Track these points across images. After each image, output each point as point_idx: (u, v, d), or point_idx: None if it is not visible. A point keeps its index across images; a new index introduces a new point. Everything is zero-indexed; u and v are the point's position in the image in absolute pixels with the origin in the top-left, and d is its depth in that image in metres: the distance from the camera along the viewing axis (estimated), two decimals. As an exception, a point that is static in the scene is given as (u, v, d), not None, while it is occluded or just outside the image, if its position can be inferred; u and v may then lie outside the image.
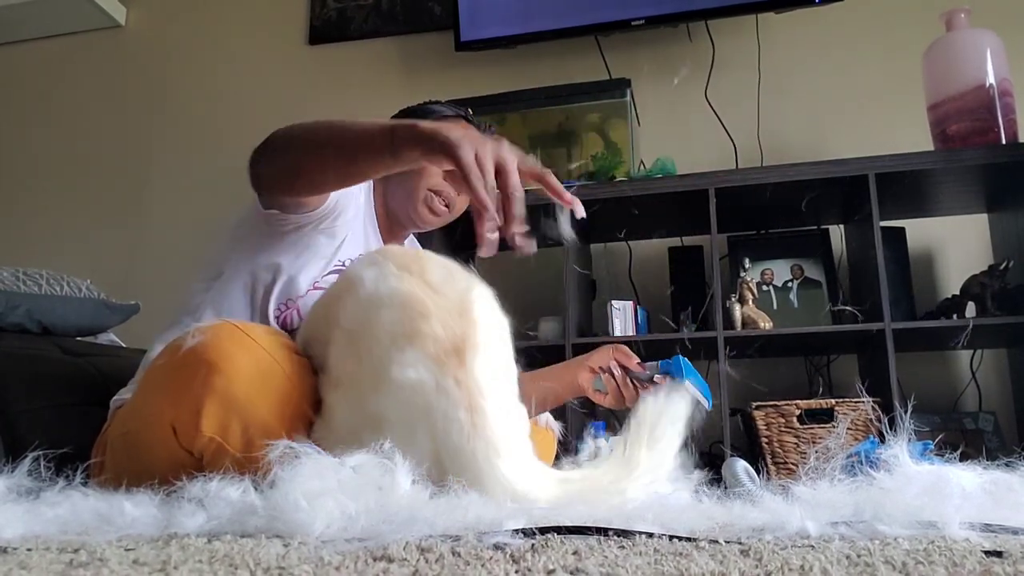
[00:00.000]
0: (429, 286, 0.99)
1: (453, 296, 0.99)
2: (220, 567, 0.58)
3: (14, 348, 1.59)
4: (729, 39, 2.49)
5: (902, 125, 2.26)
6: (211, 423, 0.96)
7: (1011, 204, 2.04)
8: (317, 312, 1.14)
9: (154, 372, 1.06)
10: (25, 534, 0.75)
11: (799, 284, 2.19)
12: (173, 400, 0.99)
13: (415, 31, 2.74)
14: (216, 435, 0.97)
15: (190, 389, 0.97)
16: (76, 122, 3.05)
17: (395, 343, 0.94)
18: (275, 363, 1.01)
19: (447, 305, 0.97)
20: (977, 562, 0.58)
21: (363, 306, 1.00)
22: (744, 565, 0.57)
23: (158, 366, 1.04)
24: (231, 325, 1.01)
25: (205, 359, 0.97)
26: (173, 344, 1.02)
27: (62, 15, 2.99)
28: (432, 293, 0.98)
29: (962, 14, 2.04)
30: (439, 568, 0.57)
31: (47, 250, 2.76)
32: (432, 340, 0.93)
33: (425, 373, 0.91)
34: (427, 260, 1.05)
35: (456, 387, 0.90)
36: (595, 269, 2.42)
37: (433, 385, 0.90)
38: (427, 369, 0.91)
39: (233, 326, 1.01)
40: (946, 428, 2.01)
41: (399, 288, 0.98)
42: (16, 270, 1.84)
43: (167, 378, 1.01)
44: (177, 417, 0.98)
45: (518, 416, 1.00)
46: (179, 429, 0.98)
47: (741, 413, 2.02)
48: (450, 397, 0.90)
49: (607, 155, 2.30)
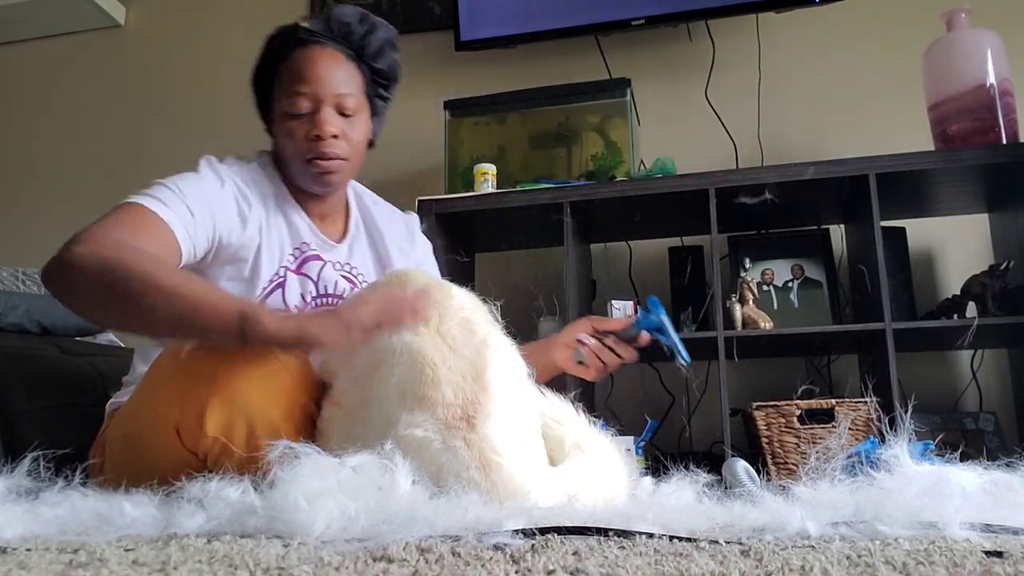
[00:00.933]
0: (444, 341, 0.98)
1: (468, 354, 0.97)
2: (220, 567, 0.58)
3: (14, 348, 1.59)
4: (729, 39, 2.48)
5: (902, 125, 2.26)
6: (215, 424, 0.96)
7: (1011, 204, 2.04)
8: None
9: (157, 374, 1.05)
10: (25, 534, 0.75)
11: (799, 284, 2.19)
12: (177, 402, 0.98)
13: (415, 31, 2.74)
14: (221, 435, 0.96)
15: (194, 390, 0.97)
16: (76, 122, 3.04)
17: (403, 402, 0.94)
18: (278, 361, 1.01)
19: (460, 367, 0.96)
20: (977, 562, 0.58)
21: (376, 355, 0.99)
22: (744, 565, 0.57)
23: (162, 368, 1.04)
24: None
25: (208, 360, 0.97)
26: (175, 347, 1.02)
27: (62, 15, 2.99)
28: (447, 352, 0.97)
29: (962, 14, 2.04)
30: (439, 568, 0.57)
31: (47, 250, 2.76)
32: (442, 406, 0.92)
33: (433, 434, 0.91)
34: (446, 308, 1.02)
35: (465, 448, 0.90)
36: (595, 269, 2.42)
37: (440, 446, 0.90)
38: (435, 430, 0.91)
39: None
40: (946, 428, 2.01)
41: (412, 345, 0.97)
42: (16, 270, 1.84)
43: (170, 380, 1.01)
44: (181, 419, 0.98)
45: (540, 459, 1.00)
46: (183, 430, 0.98)
47: (741, 413, 2.02)
48: (458, 457, 0.90)
49: (607, 155, 2.30)
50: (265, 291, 1.25)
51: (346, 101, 1.28)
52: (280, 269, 1.28)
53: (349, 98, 1.28)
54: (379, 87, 1.37)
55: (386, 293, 1.03)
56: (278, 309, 1.23)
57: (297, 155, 1.28)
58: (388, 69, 1.36)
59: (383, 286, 1.13)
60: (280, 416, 0.99)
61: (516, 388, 1.01)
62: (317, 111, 1.26)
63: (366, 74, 1.33)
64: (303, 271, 1.30)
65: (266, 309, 1.05)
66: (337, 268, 1.34)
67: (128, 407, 1.13)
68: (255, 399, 0.98)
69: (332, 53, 1.29)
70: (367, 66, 1.33)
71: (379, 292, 1.08)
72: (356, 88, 1.31)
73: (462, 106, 2.41)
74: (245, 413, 0.97)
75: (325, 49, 1.28)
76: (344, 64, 1.30)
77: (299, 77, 1.26)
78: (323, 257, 1.33)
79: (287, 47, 1.29)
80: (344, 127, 1.28)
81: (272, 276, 1.26)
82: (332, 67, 1.28)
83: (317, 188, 1.32)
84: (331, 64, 1.28)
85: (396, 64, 1.38)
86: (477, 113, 2.42)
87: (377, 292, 1.09)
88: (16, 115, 3.11)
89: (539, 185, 2.17)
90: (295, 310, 1.26)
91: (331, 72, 1.27)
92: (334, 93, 1.27)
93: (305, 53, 1.28)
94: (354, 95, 1.30)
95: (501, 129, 2.42)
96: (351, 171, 1.34)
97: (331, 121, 1.26)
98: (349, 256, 1.37)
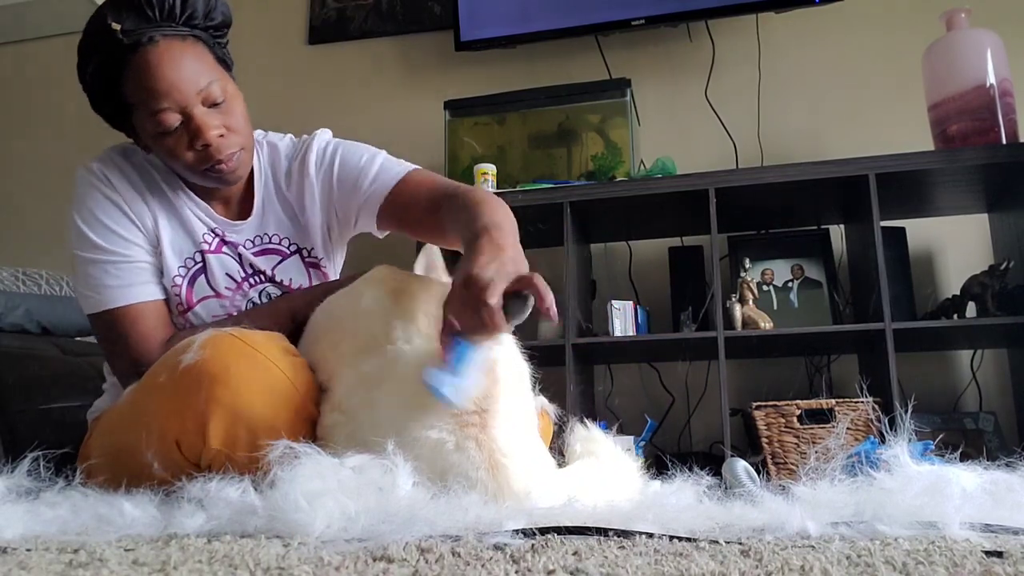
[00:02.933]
0: None
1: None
2: (220, 567, 0.58)
3: (14, 348, 1.59)
4: (729, 39, 2.49)
5: (902, 125, 2.26)
6: (218, 436, 0.95)
7: (1011, 204, 2.04)
8: (320, 339, 1.11)
9: (152, 388, 1.03)
10: (25, 534, 0.75)
11: (799, 284, 2.19)
12: (176, 416, 0.97)
13: (415, 31, 2.74)
14: (223, 447, 0.95)
15: (194, 404, 0.95)
16: (76, 122, 3.04)
17: (416, 399, 0.93)
18: (278, 369, 1.00)
19: None
20: (977, 562, 0.58)
21: (388, 360, 0.99)
22: (744, 565, 0.57)
23: (157, 383, 1.01)
24: (230, 336, 1.00)
25: (207, 373, 0.96)
26: (170, 360, 1.00)
27: (62, 15, 2.98)
28: None
29: (962, 14, 2.04)
30: (439, 568, 0.57)
31: (47, 250, 2.76)
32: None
33: (446, 434, 0.91)
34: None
35: (476, 448, 0.90)
36: (595, 269, 2.42)
37: (453, 446, 0.90)
38: (449, 431, 0.91)
39: (232, 336, 0.99)
40: (946, 428, 2.01)
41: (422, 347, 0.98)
42: (16, 270, 1.84)
43: (168, 394, 0.99)
44: (182, 433, 0.97)
45: (543, 462, 1.00)
46: (184, 444, 0.97)
47: (741, 413, 2.02)
48: (469, 457, 0.90)
49: (607, 155, 2.30)
50: (185, 278, 1.21)
51: (211, 91, 1.11)
52: (196, 254, 1.22)
53: (213, 85, 1.11)
54: (220, 43, 1.19)
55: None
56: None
57: (191, 170, 1.15)
58: (223, 19, 1.18)
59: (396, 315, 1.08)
60: (283, 422, 0.98)
61: (521, 382, 1.01)
62: (189, 119, 1.10)
63: (209, 42, 1.15)
64: (223, 251, 1.24)
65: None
66: (249, 246, 1.25)
67: (119, 419, 1.10)
68: (257, 409, 0.97)
69: (168, 45, 1.09)
70: (205, 32, 1.15)
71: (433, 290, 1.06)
72: (210, 68, 1.13)
73: (462, 106, 2.41)
74: (247, 423, 0.96)
75: (157, 47, 1.08)
76: (187, 50, 1.11)
77: (150, 92, 1.08)
78: (232, 238, 1.25)
79: (116, 60, 1.09)
80: (223, 118, 1.13)
81: (178, 270, 1.21)
82: (179, 62, 1.09)
83: (224, 186, 1.20)
84: (176, 60, 1.09)
85: (227, 9, 1.18)
86: (477, 113, 2.42)
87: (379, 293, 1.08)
88: (16, 115, 3.11)
89: (539, 185, 2.17)
90: (227, 292, 1.23)
91: (181, 69, 1.09)
92: (196, 91, 1.10)
93: (142, 61, 1.08)
94: (215, 79, 1.12)
95: (501, 129, 2.42)
96: (250, 153, 1.21)
97: (209, 123, 1.11)
98: (261, 228, 1.26)
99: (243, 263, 1.25)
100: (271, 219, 1.27)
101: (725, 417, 1.89)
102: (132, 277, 1.18)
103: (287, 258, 1.28)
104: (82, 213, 1.19)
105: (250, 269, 1.25)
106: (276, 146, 1.31)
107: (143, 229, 1.20)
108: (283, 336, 1.09)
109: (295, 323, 1.17)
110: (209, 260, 1.23)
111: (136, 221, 1.20)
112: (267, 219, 1.27)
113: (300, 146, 1.31)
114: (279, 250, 1.27)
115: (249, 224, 1.26)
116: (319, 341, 1.11)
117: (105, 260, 1.17)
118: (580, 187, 2.11)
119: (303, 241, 1.28)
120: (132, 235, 1.19)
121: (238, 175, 1.19)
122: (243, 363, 0.97)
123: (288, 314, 1.20)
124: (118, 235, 1.18)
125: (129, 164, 1.23)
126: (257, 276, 1.26)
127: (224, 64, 1.19)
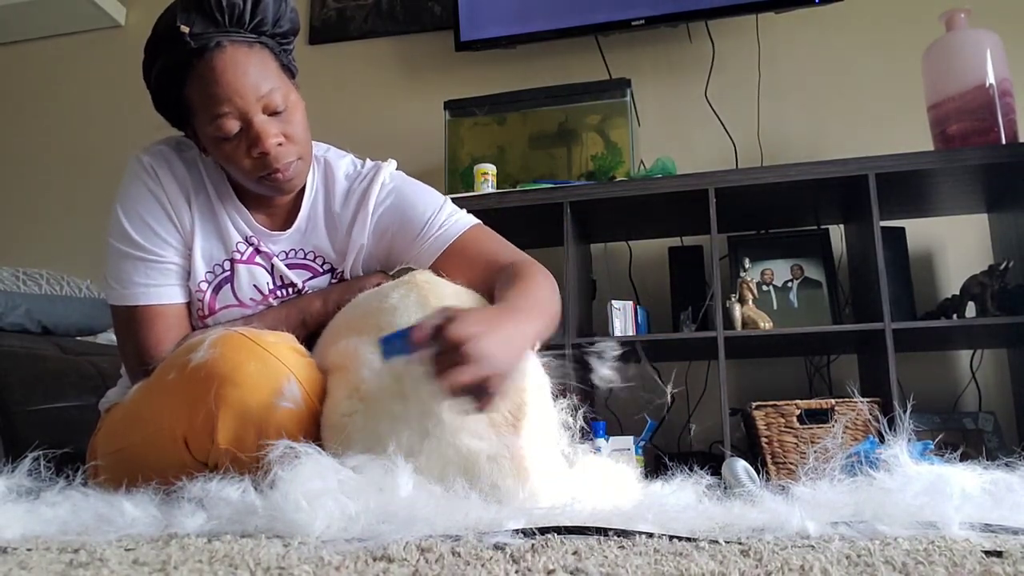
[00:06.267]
0: None
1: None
2: (220, 567, 0.58)
3: (14, 348, 1.59)
4: (729, 39, 2.49)
5: (902, 125, 2.26)
6: (226, 435, 0.95)
7: (1011, 204, 2.04)
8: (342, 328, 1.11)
9: (161, 386, 1.04)
10: (25, 534, 0.75)
11: (799, 284, 2.19)
12: (185, 414, 0.98)
13: (415, 31, 2.74)
14: (231, 446, 0.95)
15: (203, 403, 0.95)
16: (76, 122, 3.05)
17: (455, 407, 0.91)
18: (287, 369, 1.00)
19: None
20: (977, 562, 0.58)
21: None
22: (744, 565, 0.57)
23: (166, 381, 1.02)
24: (239, 335, 1.00)
25: (216, 372, 0.96)
26: (179, 359, 1.00)
27: (62, 15, 2.99)
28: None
29: (962, 14, 2.04)
30: (439, 568, 0.57)
31: (47, 250, 2.76)
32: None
33: (484, 443, 0.91)
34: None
35: (509, 460, 0.91)
36: (595, 269, 2.42)
37: (488, 456, 0.91)
38: (485, 439, 0.91)
39: (241, 335, 0.99)
40: (946, 428, 2.01)
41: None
42: (16, 270, 1.84)
43: (177, 393, 0.99)
44: (190, 431, 0.97)
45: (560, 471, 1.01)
46: (192, 442, 0.98)
47: (741, 413, 2.02)
48: (501, 468, 0.90)
49: (607, 155, 2.30)
50: (211, 285, 1.21)
51: (273, 98, 1.11)
52: (225, 262, 1.22)
53: (274, 93, 1.11)
54: (286, 51, 1.19)
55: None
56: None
57: (247, 176, 1.15)
58: (291, 27, 1.17)
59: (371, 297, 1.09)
60: (291, 421, 0.98)
61: (546, 390, 1.02)
62: (249, 126, 1.10)
63: (275, 50, 1.15)
64: (256, 261, 1.23)
65: None
66: (283, 258, 1.24)
67: (127, 416, 1.11)
68: (265, 407, 0.97)
69: (235, 51, 1.09)
70: (272, 40, 1.14)
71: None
72: (274, 75, 1.13)
73: (462, 106, 2.41)
74: (256, 422, 0.96)
75: (224, 52, 1.08)
76: (252, 57, 1.11)
77: (213, 97, 1.08)
78: (269, 248, 1.23)
79: (182, 62, 1.10)
80: (282, 127, 1.12)
81: (205, 275, 1.21)
82: (243, 69, 1.09)
83: (279, 195, 1.20)
84: (241, 66, 1.09)
85: (296, 16, 1.18)
86: (477, 113, 2.42)
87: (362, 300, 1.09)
88: (16, 115, 3.11)
89: (539, 185, 2.17)
90: (251, 302, 1.22)
91: (244, 75, 1.09)
92: (257, 97, 1.10)
93: (207, 66, 1.08)
94: (277, 86, 1.12)
95: (501, 129, 2.42)
96: (308, 163, 1.20)
97: (268, 131, 1.10)
98: (299, 242, 1.25)
99: (274, 274, 1.24)
100: (311, 235, 1.25)
101: (725, 417, 1.89)
102: (160, 278, 1.18)
103: (318, 276, 1.26)
104: (124, 204, 1.19)
105: (280, 281, 1.24)
106: (333, 164, 1.29)
107: (180, 230, 1.20)
108: (293, 337, 1.08)
109: (307, 328, 1.18)
110: (238, 270, 1.22)
111: (175, 220, 1.19)
112: (308, 235, 1.25)
113: (365, 172, 1.29)
114: (312, 267, 1.26)
115: (288, 236, 1.24)
116: (340, 329, 1.10)
117: (137, 257, 1.17)
118: (580, 187, 2.11)
119: (338, 263, 1.27)
120: (169, 234, 1.19)
121: (294, 184, 1.18)
122: (253, 362, 0.97)
123: (299, 316, 1.20)
124: (155, 233, 1.18)
125: (179, 159, 1.22)
126: (286, 289, 1.25)
127: (288, 72, 1.18)
